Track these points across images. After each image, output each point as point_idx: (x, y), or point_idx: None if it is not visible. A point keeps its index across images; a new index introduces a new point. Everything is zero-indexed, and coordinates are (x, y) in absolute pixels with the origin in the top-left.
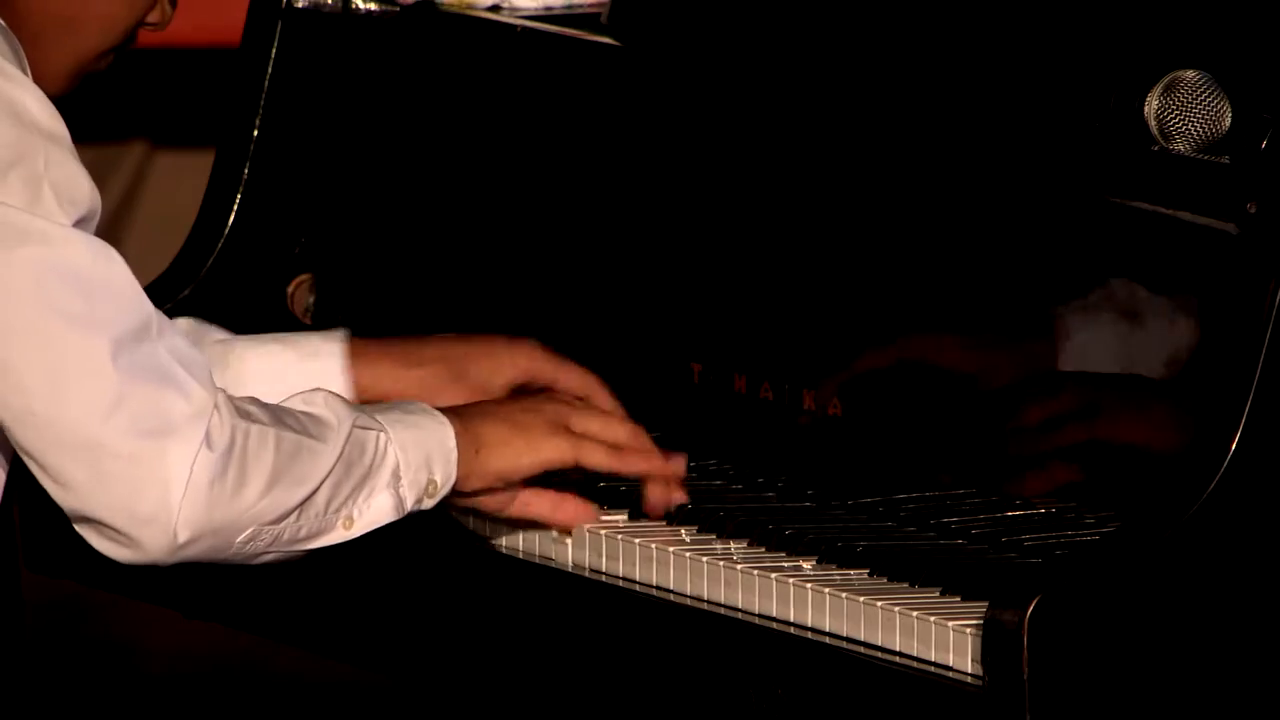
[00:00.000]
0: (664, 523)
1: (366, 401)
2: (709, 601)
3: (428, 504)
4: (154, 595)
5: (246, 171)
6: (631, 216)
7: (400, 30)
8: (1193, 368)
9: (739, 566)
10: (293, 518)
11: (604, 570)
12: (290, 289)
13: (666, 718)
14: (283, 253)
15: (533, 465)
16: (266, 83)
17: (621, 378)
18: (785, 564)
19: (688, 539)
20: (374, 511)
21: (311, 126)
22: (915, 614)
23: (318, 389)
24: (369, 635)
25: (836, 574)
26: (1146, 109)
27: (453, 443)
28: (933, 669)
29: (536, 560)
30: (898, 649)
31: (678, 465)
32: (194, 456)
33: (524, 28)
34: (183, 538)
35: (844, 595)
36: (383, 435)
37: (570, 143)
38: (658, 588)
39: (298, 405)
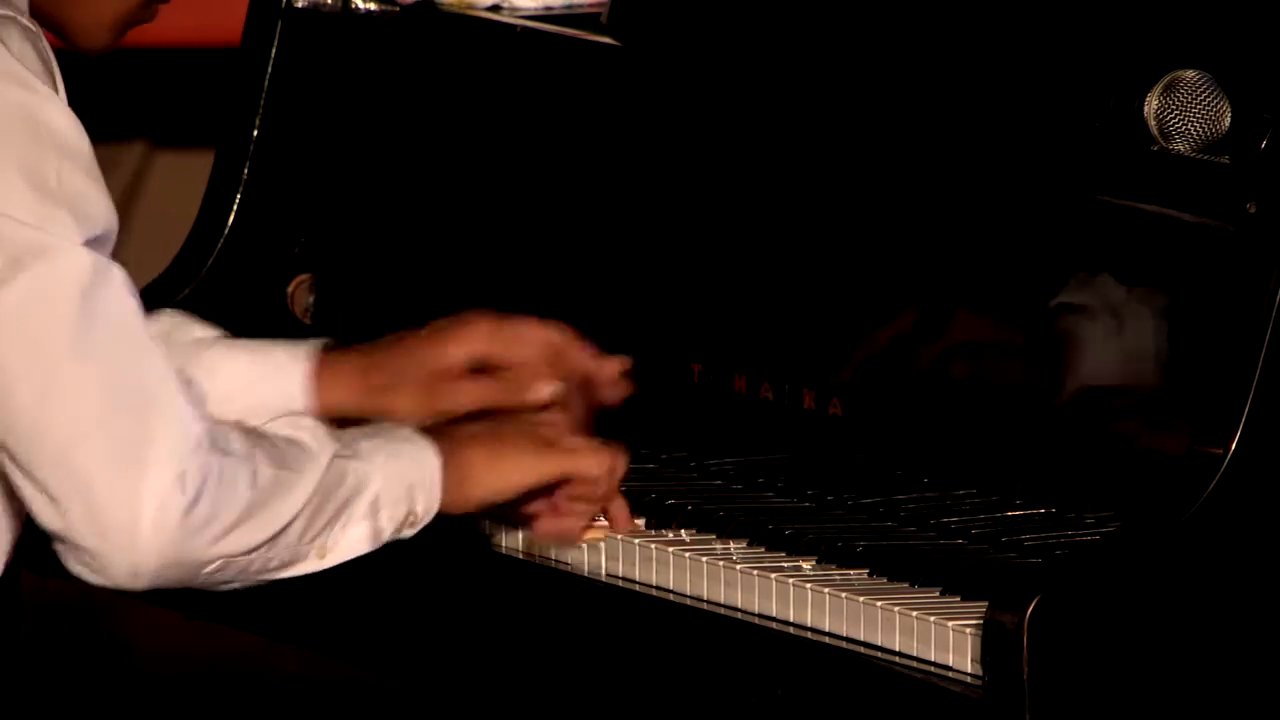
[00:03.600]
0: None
1: (329, 419)
2: (709, 601)
3: (407, 533)
4: (154, 596)
5: (246, 171)
6: (631, 216)
7: (400, 30)
8: (1193, 368)
9: (739, 566)
10: (263, 550)
11: (603, 570)
12: (290, 289)
13: (666, 718)
14: (283, 253)
15: (517, 488)
16: (266, 83)
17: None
18: (785, 564)
19: (688, 539)
20: (349, 542)
21: (311, 126)
22: (915, 614)
23: (304, 415)
24: (369, 635)
25: (836, 574)
26: (1146, 109)
27: (438, 474)
28: (933, 669)
29: (536, 561)
30: (898, 649)
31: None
32: (165, 491)
33: (524, 28)
34: (145, 569)
35: (844, 595)
36: (363, 466)
37: (570, 143)
38: (658, 588)
39: (283, 429)
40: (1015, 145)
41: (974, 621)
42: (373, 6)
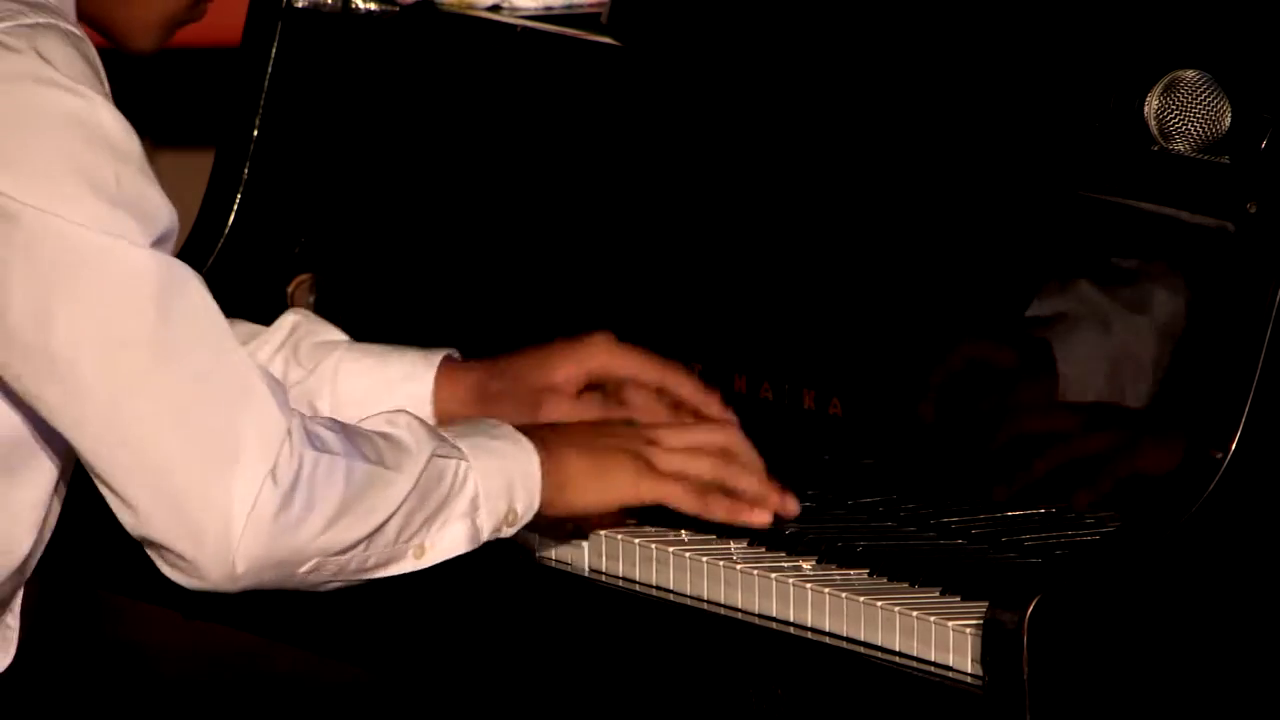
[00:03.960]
0: (666, 526)
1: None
2: (709, 601)
3: (507, 532)
4: (154, 595)
5: (246, 171)
6: (631, 217)
7: (400, 30)
8: (1193, 368)
9: (739, 566)
10: (360, 548)
11: (604, 570)
12: (290, 289)
13: (667, 718)
14: (283, 253)
15: (615, 505)
16: (266, 83)
17: None
18: (785, 564)
19: (687, 539)
20: (448, 541)
21: (311, 126)
22: (915, 614)
23: (401, 410)
24: (369, 635)
25: (836, 574)
26: (1146, 109)
27: (537, 472)
28: (933, 669)
29: (536, 559)
30: (898, 649)
31: (761, 516)
32: (258, 488)
33: (524, 28)
34: (241, 569)
35: (844, 595)
36: (463, 463)
37: (570, 143)
38: (658, 588)
39: (380, 425)
40: (1016, 145)
41: (974, 621)
42: (373, 6)
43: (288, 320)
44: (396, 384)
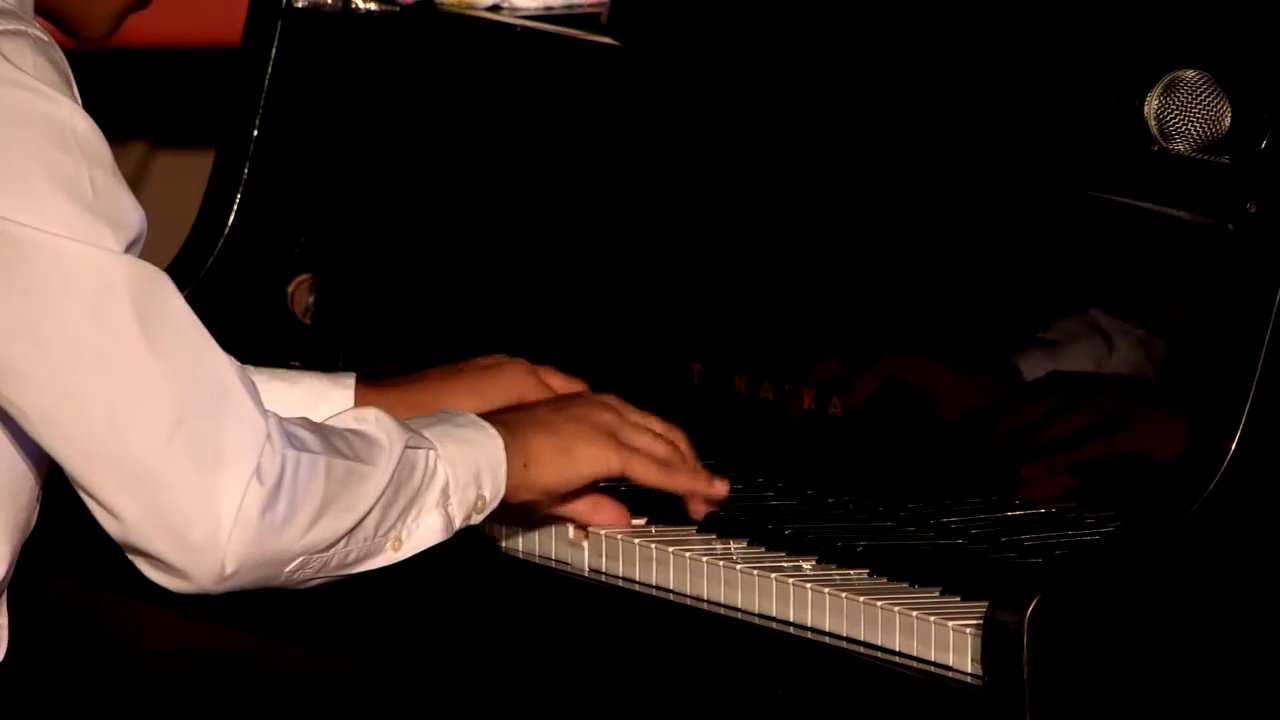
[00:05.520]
0: (670, 524)
1: None
2: (709, 601)
3: (476, 519)
4: (154, 595)
5: (246, 171)
6: (631, 216)
7: (400, 30)
8: (1193, 368)
9: (739, 566)
10: (342, 544)
11: (604, 570)
12: (290, 289)
13: (667, 718)
14: (283, 253)
15: (580, 479)
16: (266, 83)
17: (622, 378)
18: (785, 564)
19: (688, 539)
20: (423, 532)
21: (311, 126)
22: (915, 614)
23: (369, 406)
24: (369, 635)
25: (836, 574)
26: (1146, 109)
27: (503, 457)
28: (933, 669)
29: (536, 560)
30: (898, 649)
31: (721, 487)
32: (245, 488)
33: (524, 28)
34: (230, 569)
35: (844, 595)
36: (432, 453)
37: (570, 143)
38: (658, 588)
39: (348, 423)
40: (1016, 145)
41: (974, 621)
42: (373, 6)
43: None
44: (314, 405)
